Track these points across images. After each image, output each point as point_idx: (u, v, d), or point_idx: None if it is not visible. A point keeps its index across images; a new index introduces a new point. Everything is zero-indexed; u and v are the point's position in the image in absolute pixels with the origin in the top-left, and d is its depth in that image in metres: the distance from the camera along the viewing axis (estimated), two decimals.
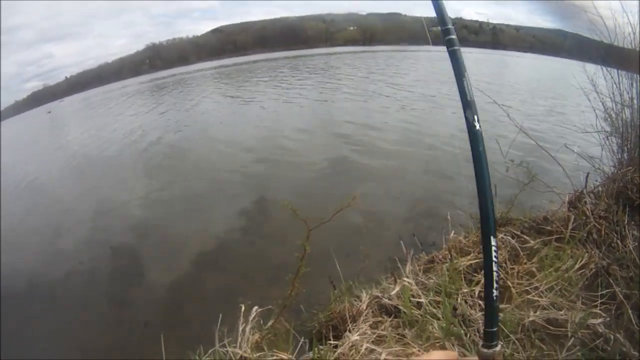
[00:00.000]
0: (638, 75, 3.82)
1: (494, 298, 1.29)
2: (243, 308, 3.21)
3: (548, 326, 2.65)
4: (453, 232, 4.15)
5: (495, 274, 1.27)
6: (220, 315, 3.14)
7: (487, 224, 1.37)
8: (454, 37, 1.52)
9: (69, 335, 5.40)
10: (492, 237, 1.32)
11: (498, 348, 1.36)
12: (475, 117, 1.42)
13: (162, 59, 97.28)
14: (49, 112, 60.25)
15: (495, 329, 1.33)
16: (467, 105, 1.47)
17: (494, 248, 1.28)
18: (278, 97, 22.64)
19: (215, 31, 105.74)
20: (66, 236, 8.50)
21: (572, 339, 2.55)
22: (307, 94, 22.30)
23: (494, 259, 1.28)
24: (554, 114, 14.33)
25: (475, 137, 1.40)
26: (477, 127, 1.41)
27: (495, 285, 1.27)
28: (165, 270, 6.42)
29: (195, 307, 5.33)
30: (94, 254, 7.49)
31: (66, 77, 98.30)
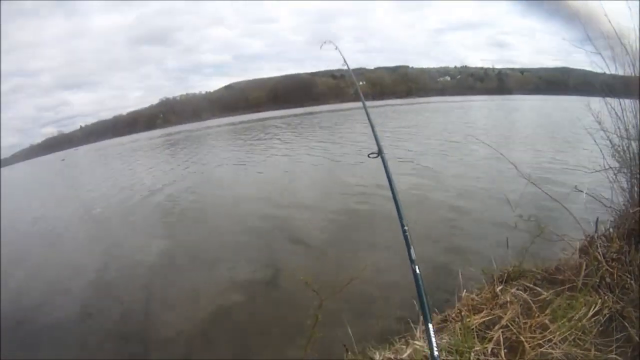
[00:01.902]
0: None
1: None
2: None
3: None
4: (465, 290, 4.14)
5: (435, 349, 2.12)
6: None
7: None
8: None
9: None
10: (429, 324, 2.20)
11: None
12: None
13: (176, 114, 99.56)
14: (63, 159, 61.63)
15: None
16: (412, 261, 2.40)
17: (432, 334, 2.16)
18: (290, 156, 22.88)
19: (228, 87, 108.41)
20: (71, 286, 8.53)
21: None
22: (318, 152, 22.46)
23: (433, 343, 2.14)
24: (562, 156, 14.26)
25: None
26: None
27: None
28: (175, 326, 6.32)
29: None
30: (100, 304, 7.50)
31: (81, 126, 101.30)
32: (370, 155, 3.37)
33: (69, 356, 5.98)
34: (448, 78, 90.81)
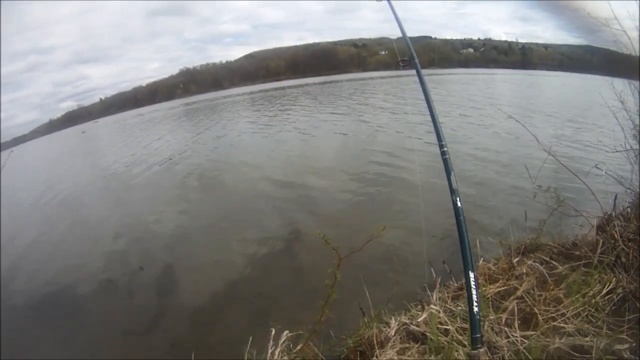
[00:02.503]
0: None
1: (475, 312, 2.14)
2: (273, 332, 3.28)
3: (573, 353, 2.64)
4: (482, 259, 4.14)
5: (475, 296, 2.17)
6: (251, 338, 3.24)
7: (466, 261, 2.34)
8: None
9: (92, 350, 5.49)
10: (470, 272, 2.27)
11: (482, 350, 2.09)
12: (458, 199, 1.86)
13: (196, 84, 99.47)
14: (84, 132, 61.90)
15: (479, 335, 2.13)
16: (453, 192, 1.96)
17: (472, 280, 2.23)
18: (310, 124, 22.61)
19: (248, 57, 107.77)
20: (93, 252, 8.71)
21: None
22: (340, 121, 22.18)
23: (472, 286, 2.21)
24: (583, 134, 14.01)
25: (457, 212, 1.96)
26: (459, 205, 1.86)
27: (475, 302, 2.16)
28: (194, 292, 6.45)
29: (225, 330, 5.37)
30: (122, 271, 7.62)
31: (101, 99, 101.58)
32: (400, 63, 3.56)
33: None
34: (471, 50, 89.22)
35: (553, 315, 3.06)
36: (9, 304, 6.98)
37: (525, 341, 2.82)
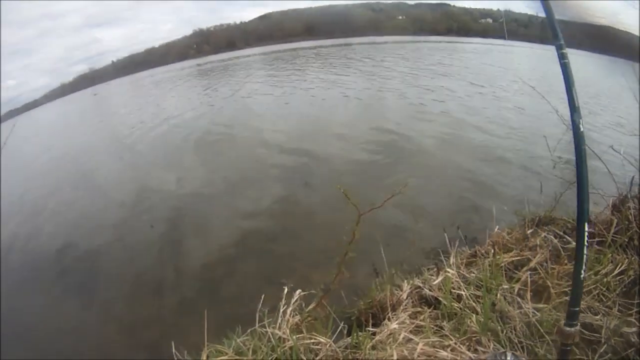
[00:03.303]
0: None
1: (582, 279, 1.76)
2: (286, 290, 3.29)
3: (583, 330, 2.61)
4: (497, 227, 4.15)
5: (585, 257, 1.75)
6: (263, 296, 3.21)
7: (582, 211, 1.85)
8: (565, 51, 1.70)
9: (105, 307, 5.63)
10: (585, 224, 1.79)
11: (578, 327, 1.81)
12: (581, 121, 1.69)
13: (210, 44, 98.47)
14: (95, 94, 61.78)
15: (578, 309, 1.82)
16: (574, 109, 1.72)
17: (586, 234, 1.76)
18: (325, 85, 22.38)
19: (263, 18, 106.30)
20: (105, 212, 8.82)
21: (605, 345, 2.55)
22: (354, 83, 21.89)
23: (585, 243, 1.75)
24: (601, 115, 13.82)
25: (578, 137, 1.70)
26: (582, 129, 1.69)
27: (584, 267, 1.74)
28: (205, 250, 6.51)
29: (236, 287, 5.42)
30: (133, 230, 7.74)
31: (113, 61, 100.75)
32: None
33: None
34: (490, 20, 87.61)
35: (565, 289, 3.05)
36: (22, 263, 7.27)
37: (537, 313, 2.83)
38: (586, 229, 1.72)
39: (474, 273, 3.41)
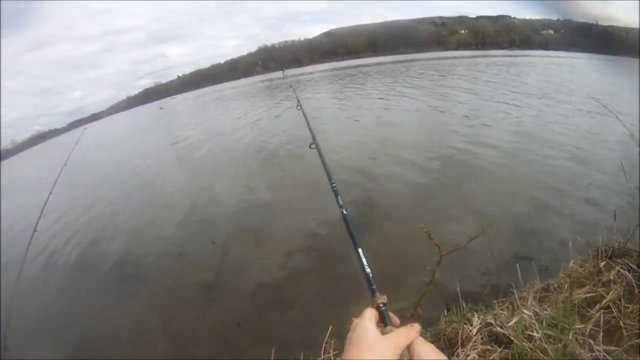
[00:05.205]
0: None
1: None
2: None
3: None
4: (572, 261, 3.93)
5: None
6: (330, 328, 3.22)
7: None
8: None
9: (162, 319, 5.82)
10: None
11: None
12: None
13: (275, 60, 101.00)
14: (161, 107, 64.20)
15: None
16: None
17: None
18: (394, 101, 22.43)
19: (327, 34, 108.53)
20: (167, 224, 9.17)
21: None
22: (424, 100, 21.70)
23: None
24: None
25: None
26: None
27: None
28: (264, 269, 6.55)
29: (301, 309, 5.41)
30: (193, 244, 7.97)
31: (178, 76, 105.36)
32: None
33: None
34: (551, 31, 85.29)
35: (638, 332, 2.88)
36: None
37: (609, 357, 2.69)
38: None
39: (547, 310, 3.24)
